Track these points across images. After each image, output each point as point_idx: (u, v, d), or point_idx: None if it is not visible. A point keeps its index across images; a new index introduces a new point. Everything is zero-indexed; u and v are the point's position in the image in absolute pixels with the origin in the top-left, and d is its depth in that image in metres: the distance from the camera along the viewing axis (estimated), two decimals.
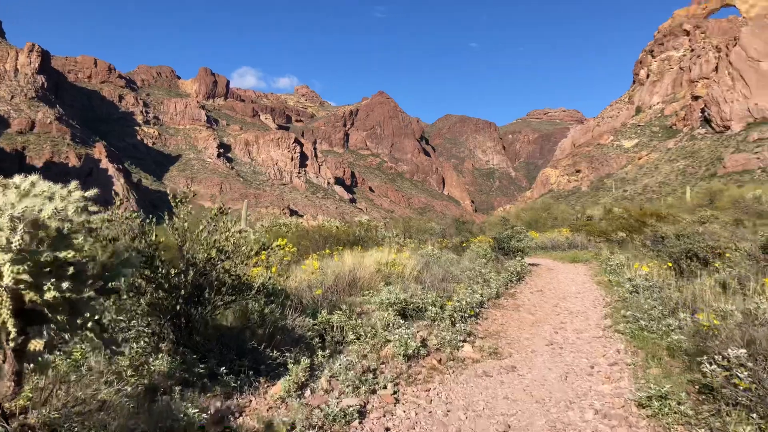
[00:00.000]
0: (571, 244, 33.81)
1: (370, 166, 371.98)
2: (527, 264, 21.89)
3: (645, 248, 18.92)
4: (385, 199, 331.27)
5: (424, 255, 22.10)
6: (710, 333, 7.33)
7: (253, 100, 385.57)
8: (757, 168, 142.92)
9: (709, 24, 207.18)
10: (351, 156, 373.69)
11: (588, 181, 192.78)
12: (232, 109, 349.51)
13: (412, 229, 39.20)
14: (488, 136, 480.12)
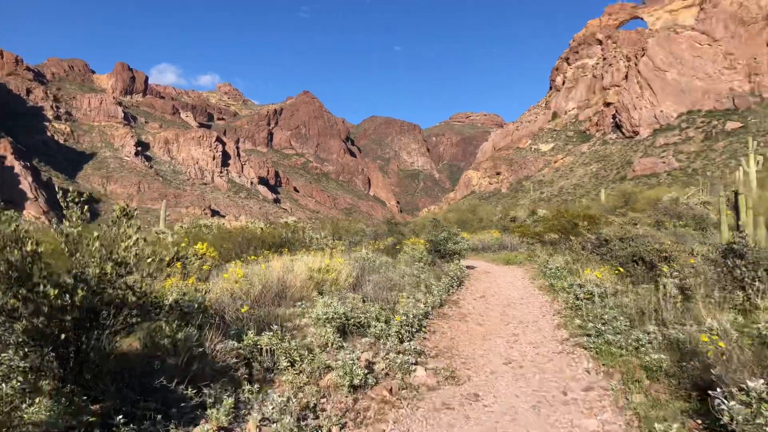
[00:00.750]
0: (501, 245, 33.32)
1: (295, 166, 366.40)
2: (464, 267, 20.86)
3: (585, 251, 18.28)
4: (311, 199, 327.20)
5: (358, 259, 20.67)
6: (720, 357, 6.23)
7: (173, 97, 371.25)
8: (663, 171, 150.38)
9: (619, 35, 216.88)
10: (275, 155, 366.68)
11: (508, 183, 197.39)
12: (152, 106, 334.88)
13: (341, 231, 37.67)
14: (413, 138, 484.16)
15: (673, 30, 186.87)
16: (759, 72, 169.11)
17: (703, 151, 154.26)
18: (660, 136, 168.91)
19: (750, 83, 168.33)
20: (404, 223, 63.50)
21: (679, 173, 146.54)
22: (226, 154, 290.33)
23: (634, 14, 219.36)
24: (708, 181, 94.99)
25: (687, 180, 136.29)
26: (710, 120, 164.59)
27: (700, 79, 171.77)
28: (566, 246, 23.49)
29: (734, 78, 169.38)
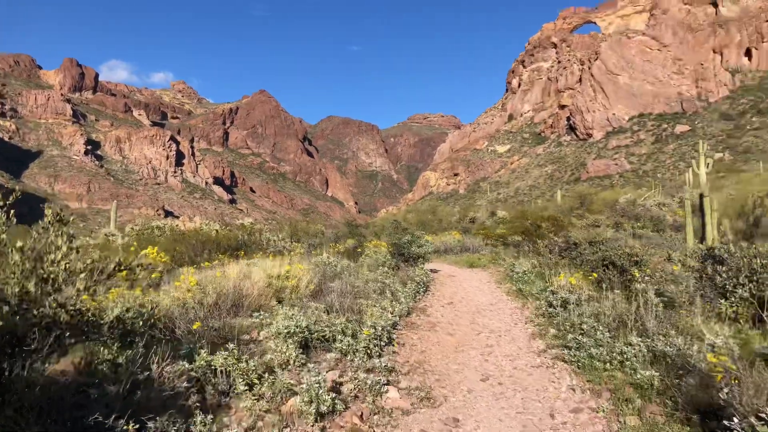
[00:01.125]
0: (463, 247, 32.88)
1: (251, 165, 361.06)
2: (429, 271, 20.22)
3: (553, 255, 17.86)
4: (267, 200, 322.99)
5: (319, 264, 19.80)
6: (732, 381, 5.64)
7: (125, 94, 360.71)
8: (616, 173, 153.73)
9: (573, 38, 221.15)
10: (231, 155, 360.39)
11: (465, 184, 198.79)
12: (102, 103, 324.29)
13: (300, 233, 36.65)
14: (371, 139, 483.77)
15: (625, 35, 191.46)
16: (705, 77, 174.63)
17: (654, 153, 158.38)
18: (612, 138, 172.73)
19: (697, 88, 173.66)
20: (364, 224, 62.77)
21: (630, 175, 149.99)
22: (180, 153, 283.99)
23: (587, 18, 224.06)
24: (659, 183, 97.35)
25: (638, 182, 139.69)
26: (660, 123, 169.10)
27: (650, 83, 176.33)
28: (531, 249, 23.12)
29: (683, 83, 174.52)
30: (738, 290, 9.42)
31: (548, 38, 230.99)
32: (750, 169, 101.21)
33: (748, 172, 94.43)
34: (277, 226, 45.96)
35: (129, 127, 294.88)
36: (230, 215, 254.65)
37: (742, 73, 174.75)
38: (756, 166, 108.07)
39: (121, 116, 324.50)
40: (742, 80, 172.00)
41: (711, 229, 18.12)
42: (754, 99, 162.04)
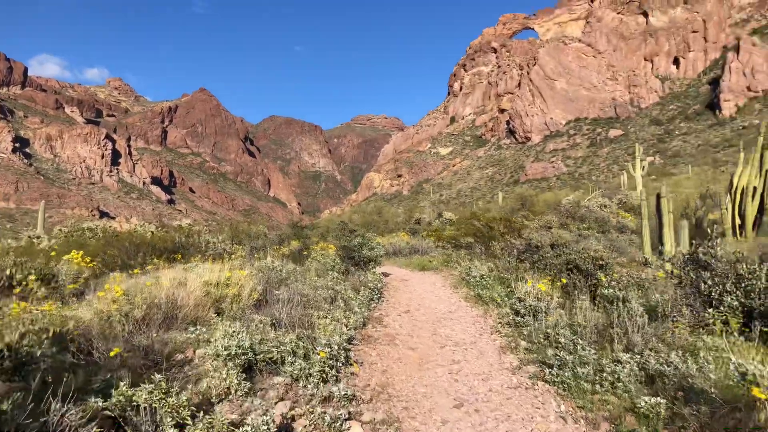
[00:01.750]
0: (412, 249, 31.86)
1: (191, 165, 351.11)
2: (381, 276, 19.00)
3: (512, 258, 16.97)
4: (207, 200, 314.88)
5: (262, 269, 18.27)
6: None
7: (56, 90, 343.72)
8: (553, 176, 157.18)
9: (513, 44, 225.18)
10: (170, 155, 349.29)
11: (409, 186, 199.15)
12: (32, 99, 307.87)
13: (241, 234, 34.79)
14: (314, 139, 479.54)
15: (562, 41, 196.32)
16: (637, 84, 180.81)
17: (589, 156, 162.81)
18: (550, 142, 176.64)
19: (630, 94, 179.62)
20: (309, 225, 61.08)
21: (567, 177, 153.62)
22: (116, 152, 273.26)
23: (526, 24, 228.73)
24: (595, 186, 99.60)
25: (575, 184, 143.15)
26: (595, 128, 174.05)
27: (586, 89, 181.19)
28: (485, 251, 22.26)
29: (616, 88, 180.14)
30: (725, 298, 8.61)
31: (488, 43, 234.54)
32: (679, 172, 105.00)
33: (678, 175, 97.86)
34: (217, 227, 43.79)
35: (61, 125, 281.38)
36: (169, 216, 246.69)
37: (670, 81, 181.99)
38: (684, 169, 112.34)
39: (52, 113, 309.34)
40: (671, 87, 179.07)
41: (668, 231, 17.63)
42: (682, 105, 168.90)
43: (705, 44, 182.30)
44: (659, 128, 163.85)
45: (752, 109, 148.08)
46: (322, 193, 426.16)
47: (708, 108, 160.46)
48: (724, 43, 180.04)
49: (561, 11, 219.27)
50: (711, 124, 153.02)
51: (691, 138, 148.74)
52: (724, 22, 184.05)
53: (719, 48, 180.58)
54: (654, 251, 17.92)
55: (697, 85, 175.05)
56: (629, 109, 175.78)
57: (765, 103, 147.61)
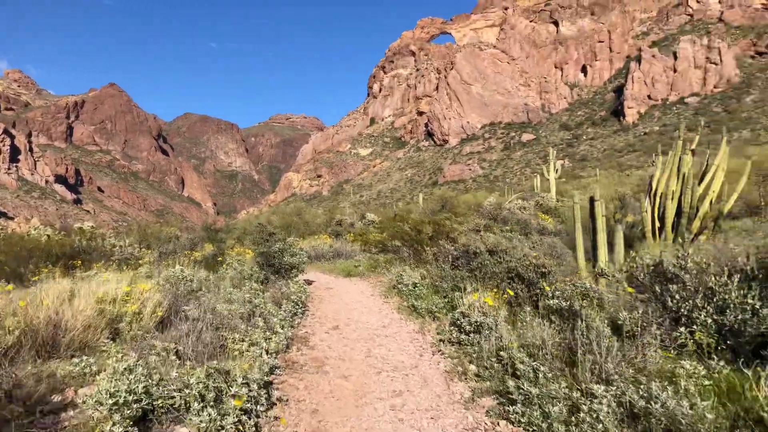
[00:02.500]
0: (336, 252, 30.31)
1: (100, 164, 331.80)
2: (304, 284, 17.33)
3: (446, 264, 15.79)
4: (117, 200, 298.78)
5: (170, 278, 16.20)
6: None
7: None
8: (469, 178, 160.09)
9: (431, 48, 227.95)
10: (76, 152, 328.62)
11: (329, 186, 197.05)
12: None
13: (151, 237, 32.00)
14: (231, 138, 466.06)
15: (478, 47, 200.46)
16: (548, 90, 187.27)
17: (503, 159, 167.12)
18: (467, 145, 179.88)
19: (541, 99, 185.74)
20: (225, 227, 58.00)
21: (483, 179, 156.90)
22: (15, 148, 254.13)
23: (443, 29, 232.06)
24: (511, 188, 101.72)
25: (490, 186, 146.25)
26: (509, 132, 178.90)
27: (500, 94, 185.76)
28: (415, 257, 21.07)
29: (529, 94, 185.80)
30: (697, 315, 7.69)
31: (407, 46, 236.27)
32: (587, 176, 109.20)
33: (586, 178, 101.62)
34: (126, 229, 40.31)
35: None
36: (75, 217, 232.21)
37: (579, 88, 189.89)
38: (592, 172, 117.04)
39: None
40: (579, 94, 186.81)
41: (602, 236, 16.98)
42: (589, 111, 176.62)
43: (610, 54, 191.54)
44: (568, 133, 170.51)
45: (652, 116, 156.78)
46: (239, 193, 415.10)
47: (613, 114, 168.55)
48: (627, 54, 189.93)
49: (477, 17, 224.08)
50: (615, 129, 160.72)
51: (598, 143, 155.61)
52: (627, 33, 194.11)
53: (623, 58, 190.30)
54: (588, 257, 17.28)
55: (603, 93, 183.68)
56: (541, 114, 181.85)
57: (664, 111, 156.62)
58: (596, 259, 17.04)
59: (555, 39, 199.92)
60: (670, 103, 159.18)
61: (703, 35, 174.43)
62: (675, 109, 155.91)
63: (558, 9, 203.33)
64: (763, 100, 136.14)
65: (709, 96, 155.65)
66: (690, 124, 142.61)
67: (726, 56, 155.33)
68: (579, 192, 57.36)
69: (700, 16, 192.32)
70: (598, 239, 17.07)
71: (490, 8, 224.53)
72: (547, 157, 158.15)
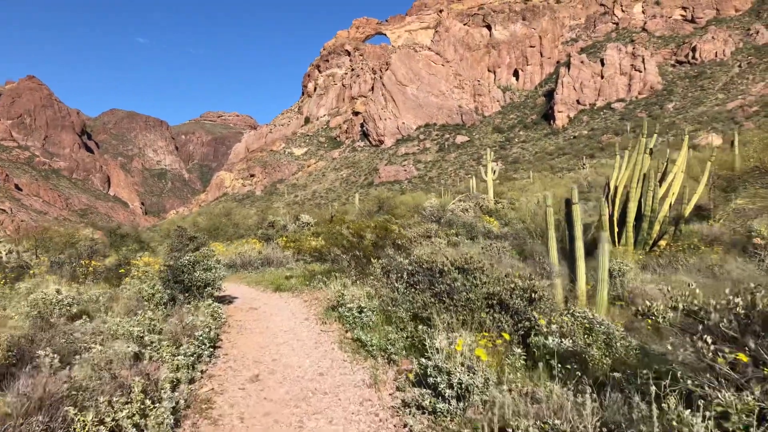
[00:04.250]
0: (265, 259, 26.54)
1: (17, 160, 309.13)
2: (219, 308, 13.57)
3: (399, 282, 12.50)
4: (37, 199, 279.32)
5: (44, 302, 12.19)
6: None
7: None
8: (405, 179, 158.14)
9: (366, 48, 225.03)
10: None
11: (262, 186, 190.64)
12: None
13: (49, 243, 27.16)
14: (160, 135, 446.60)
15: (413, 48, 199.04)
16: (481, 93, 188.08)
17: (438, 161, 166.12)
18: (402, 146, 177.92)
19: (475, 102, 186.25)
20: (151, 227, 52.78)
21: (418, 180, 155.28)
22: None
23: (378, 30, 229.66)
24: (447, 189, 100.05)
25: (425, 187, 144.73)
26: (443, 133, 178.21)
27: (435, 96, 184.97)
28: (356, 267, 17.70)
29: (463, 96, 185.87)
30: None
31: (342, 45, 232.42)
32: (521, 177, 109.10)
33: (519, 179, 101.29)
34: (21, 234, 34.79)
35: None
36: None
37: (511, 91, 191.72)
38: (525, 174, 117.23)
39: None
40: (511, 98, 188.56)
41: (580, 244, 14.20)
42: (521, 115, 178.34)
43: (541, 59, 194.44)
44: (501, 135, 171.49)
45: (581, 120, 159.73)
46: (169, 192, 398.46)
47: (543, 118, 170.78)
48: (557, 59, 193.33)
49: (411, 19, 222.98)
50: (546, 133, 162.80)
51: (529, 145, 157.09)
52: (557, 39, 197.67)
53: (553, 63, 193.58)
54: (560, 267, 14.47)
55: (534, 97, 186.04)
56: (474, 117, 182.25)
57: (592, 116, 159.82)
58: (574, 273, 14.26)
59: (488, 42, 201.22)
60: (597, 107, 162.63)
61: (628, 43, 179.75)
62: (602, 113, 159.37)
63: (491, 13, 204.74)
64: (684, 107, 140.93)
65: (634, 101, 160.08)
66: (616, 128, 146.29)
67: (649, 64, 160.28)
68: (523, 193, 54.68)
69: (625, 25, 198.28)
70: (576, 247, 14.28)
71: (425, 10, 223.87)
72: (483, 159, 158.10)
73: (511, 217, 44.67)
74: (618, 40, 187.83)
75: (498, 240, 32.56)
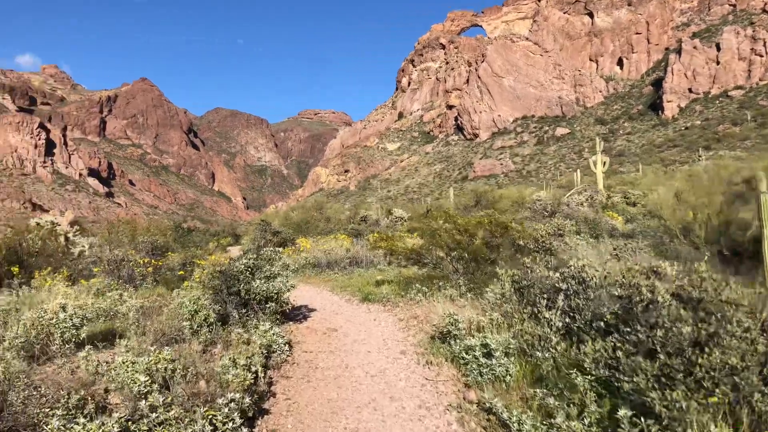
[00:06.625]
0: (353, 259, 22.69)
1: (131, 157, 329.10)
2: (280, 336, 9.53)
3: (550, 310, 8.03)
4: (149, 193, 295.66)
5: (40, 325, 8.77)
6: None
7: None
8: (501, 173, 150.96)
9: (461, 40, 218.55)
10: (109, 146, 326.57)
11: (356, 181, 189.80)
12: None
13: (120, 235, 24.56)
14: (260, 133, 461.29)
15: (510, 39, 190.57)
16: (583, 83, 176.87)
17: (536, 154, 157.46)
18: (498, 139, 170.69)
19: (576, 93, 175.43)
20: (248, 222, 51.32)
21: (515, 175, 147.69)
22: (51, 142, 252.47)
23: (474, 22, 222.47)
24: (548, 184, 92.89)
25: (522, 181, 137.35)
26: (542, 126, 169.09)
27: (533, 87, 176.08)
28: (465, 274, 13.29)
29: (563, 87, 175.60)
30: None
31: (437, 39, 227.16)
32: (627, 171, 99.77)
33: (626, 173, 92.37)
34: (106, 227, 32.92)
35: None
36: (107, 209, 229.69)
37: (615, 81, 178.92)
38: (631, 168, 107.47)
39: None
40: (615, 87, 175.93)
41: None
42: (626, 105, 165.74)
43: (648, 46, 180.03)
44: (604, 127, 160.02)
45: (693, 110, 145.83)
46: (268, 187, 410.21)
47: (651, 108, 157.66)
48: (666, 45, 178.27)
49: (508, 9, 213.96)
50: (654, 124, 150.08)
51: (635, 138, 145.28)
52: (666, 24, 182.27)
53: (662, 50, 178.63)
54: None
55: (640, 86, 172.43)
56: (575, 108, 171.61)
57: (705, 105, 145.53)
58: None
59: (590, 31, 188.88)
60: (712, 96, 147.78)
61: (747, 26, 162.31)
62: (718, 102, 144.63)
63: (593, 0, 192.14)
64: None
65: (755, 88, 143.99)
66: (734, 118, 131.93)
67: None
68: (635, 187, 46.71)
69: (744, 7, 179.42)
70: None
71: (522, 0, 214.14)
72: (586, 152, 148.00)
73: (634, 212, 38.52)
74: (735, 23, 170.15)
75: (628, 239, 26.98)
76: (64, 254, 22.71)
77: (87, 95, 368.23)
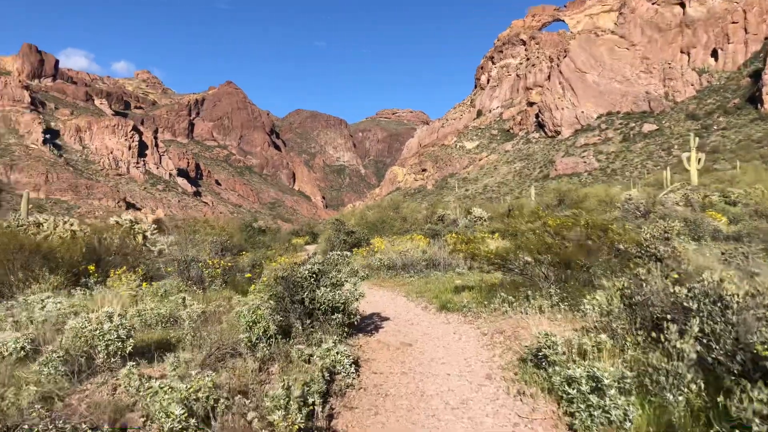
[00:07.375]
0: (430, 261, 21.29)
1: (217, 158, 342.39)
2: (345, 356, 8.26)
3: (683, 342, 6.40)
4: (233, 192, 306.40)
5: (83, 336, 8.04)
6: None
7: (86, 83, 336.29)
8: (584, 171, 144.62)
9: (542, 36, 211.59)
10: (196, 147, 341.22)
11: (433, 180, 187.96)
12: (62, 91, 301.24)
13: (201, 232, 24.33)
14: (339, 133, 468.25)
15: (594, 33, 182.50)
16: (672, 77, 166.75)
17: (622, 152, 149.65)
18: (581, 136, 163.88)
19: (664, 87, 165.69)
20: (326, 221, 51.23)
21: (599, 173, 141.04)
22: (143, 144, 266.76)
23: (556, 16, 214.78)
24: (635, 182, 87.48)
25: (607, 180, 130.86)
26: (628, 122, 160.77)
27: (618, 82, 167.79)
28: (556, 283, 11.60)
29: (650, 82, 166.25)
30: None
31: (517, 35, 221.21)
32: (722, 169, 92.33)
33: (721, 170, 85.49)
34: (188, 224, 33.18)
35: (90, 116, 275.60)
36: (194, 208, 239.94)
37: (708, 74, 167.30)
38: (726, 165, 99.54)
39: (81, 105, 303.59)
40: (708, 80, 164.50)
41: None
42: (721, 99, 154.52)
43: (745, 35, 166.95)
44: (696, 123, 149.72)
45: None
46: (347, 187, 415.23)
47: (749, 102, 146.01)
48: (765, 35, 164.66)
49: (593, 2, 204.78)
50: (752, 118, 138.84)
51: (731, 133, 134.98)
52: (765, 12, 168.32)
53: (761, 40, 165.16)
54: None
55: (737, 78, 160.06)
56: (664, 103, 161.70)
57: None
58: None
59: (681, 22, 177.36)
60: None
61: None
62: None
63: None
64: None
65: None
66: None
67: None
68: (733, 185, 42.24)
69: None
70: None
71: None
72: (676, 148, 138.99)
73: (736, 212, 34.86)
74: None
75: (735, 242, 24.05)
76: (141, 253, 22.68)
77: (176, 99, 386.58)
